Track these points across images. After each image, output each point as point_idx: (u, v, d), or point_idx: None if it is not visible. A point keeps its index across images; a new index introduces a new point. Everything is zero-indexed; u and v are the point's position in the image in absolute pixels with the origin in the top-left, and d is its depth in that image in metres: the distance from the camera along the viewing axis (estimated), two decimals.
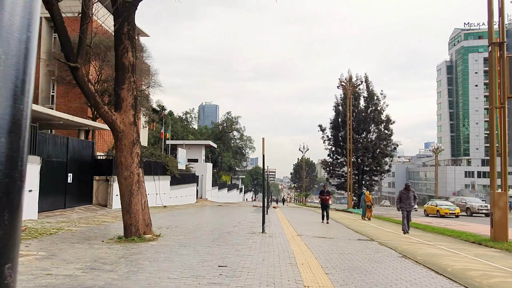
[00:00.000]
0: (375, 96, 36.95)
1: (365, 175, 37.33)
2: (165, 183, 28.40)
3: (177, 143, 44.26)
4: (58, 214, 15.08)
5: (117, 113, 8.57)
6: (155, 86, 21.74)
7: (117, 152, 8.65)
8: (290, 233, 11.18)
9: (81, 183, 18.49)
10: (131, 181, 8.60)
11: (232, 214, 20.39)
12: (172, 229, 11.19)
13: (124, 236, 8.60)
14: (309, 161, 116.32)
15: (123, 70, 8.62)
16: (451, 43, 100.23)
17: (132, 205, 8.59)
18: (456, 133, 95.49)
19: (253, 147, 65.97)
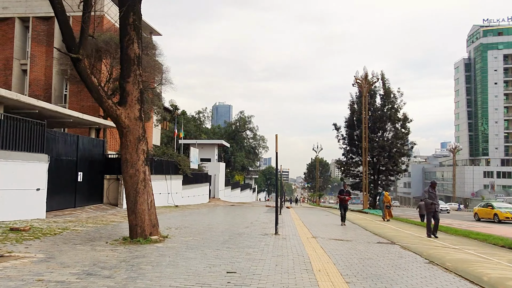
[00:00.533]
0: (391, 94, 35.92)
1: (381, 175, 36.34)
2: (177, 182, 28.11)
3: (190, 142, 44.03)
4: (67, 213, 14.82)
5: (122, 107, 8.13)
6: (166, 83, 21.38)
7: (122, 148, 8.22)
8: (305, 235, 10.58)
9: (91, 182, 18.26)
10: (136, 180, 8.15)
11: (244, 215, 19.88)
12: (181, 229, 10.73)
13: (129, 237, 8.16)
14: (323, 161, 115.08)
15: (129, 62, 8.18)
16: (469, 40, 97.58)
17: (138, 204, 8.13)
18: (475, 132, 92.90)
19: (266, 146, 65.42)
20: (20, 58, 29.87)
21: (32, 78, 29.14)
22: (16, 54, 29.59)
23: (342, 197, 15.69)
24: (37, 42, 28.48)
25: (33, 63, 28.86)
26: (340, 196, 15.84)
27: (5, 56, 29.65)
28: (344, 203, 15.53)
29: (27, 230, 9.19)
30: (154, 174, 23.70)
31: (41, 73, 28.83)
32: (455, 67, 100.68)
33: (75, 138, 16.80)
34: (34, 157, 12.55)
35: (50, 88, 28.84)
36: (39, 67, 29.10)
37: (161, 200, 24.39)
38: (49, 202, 13.81)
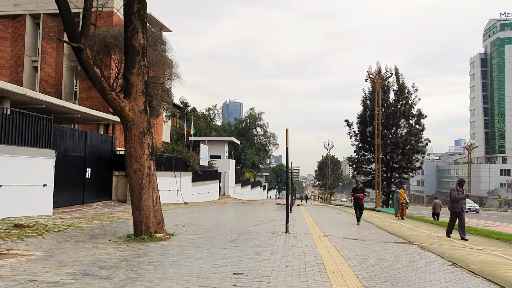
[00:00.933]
0: (406, 89, 35.05)
1: (394, 172, 35.56)
2: (186, 179, 27.89)
3: (200, 139, 43.83)
4: (75, 210, 14.66)
5: (126, 100, 7.81)
6: (175, 78, 21.08)
7: (126, 143, 7.90)
8: (317, 233, 10.15)
9: (100, 178, 18.11)
10: (141, 175, 7.82)
11: (254, 212, 19.52)
12: (188, 227, 10.40)
13: (133, 235, 7.85)
14: (334, 158, 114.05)
15: (133, 53, 7.84)
16: (485, 34, 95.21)
17: (143, 201, 7.81)
18: (491, 129, 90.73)
19: (276, 143, 64.90)
20: (31, 55, 29.99)
21: (42, 75, 29.23)
22: (27, 51, 29.72)
23: (357, 196, 14.51)
24: (47, 38, 28.53)
25: (43, 60, 28.94)
26: (355, 194, 14.65)
27: (17, 53, 29.81)
28: (359, 201, 14.42)
29: (31, 226, 8.97)
30: (163, 171, 23.51)
31: (51, 70, 28.90)
32: (470, 62, 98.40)
33: (83, 134, 16.64)
34: (41, 152, 12.36)
35: (61, 84, 28.89)
36: (50, 64, 29.17)
37: (170, 197, 24.20)
38: (57, 199, 13.65)
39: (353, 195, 14.77)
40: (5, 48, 29.38)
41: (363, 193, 14.61)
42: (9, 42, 29.41)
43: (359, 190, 14.60)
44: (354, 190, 14.89)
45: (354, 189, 14.84)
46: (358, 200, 14.44)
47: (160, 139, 36.50)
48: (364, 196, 14.64)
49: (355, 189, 14.75)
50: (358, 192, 14.52)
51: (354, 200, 14.77)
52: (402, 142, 33.91)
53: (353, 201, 14.91)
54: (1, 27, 29.22)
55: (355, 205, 14.66)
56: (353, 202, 14.86)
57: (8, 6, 28.68)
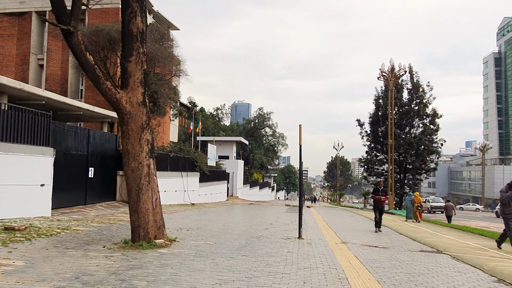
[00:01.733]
0: (420, 88, 33.85)
1: (407, 173, 34.37)
2: (194, 179, 27.16)
3: (208, 139, 43.13)
4: (76, 211, 13.98)
5: (122, 91, 7.04)
6: (181, 75, 20.34)
7: (123, 138, 7.13)
8: (332, 239, 9.27)
9: (103, 178, 17.45)
10: (139, 174, 7.05)
11: (263, 214, 18.68)
12: (193, 231, 9.60)
13: (131, 241, 7.08)
14: (344, 160, 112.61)
15: (131, 39, 7.07)
16: (499, 33, 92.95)
17: (141, 203, 7.03)
18: (505, 130, 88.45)
19: (285, 144, 63.89)
20: (37, 53, 29.60)
21: (48, 73, 28.80)
22: (33, 49, 29.33)
23: (377, 198, 12.76)
24: (53, 36, 28.05)
25: (49, 58, 28.51)
26: (375, 196, 12.90)
27: (23, 51, 29.45)
28: (380, 205, 12.74)
29: (22, 230, 8.25)
30: (169, 171, 22.82)
31: (57, 68, 28.45)
32: (484, 61, 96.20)
33: (85, 132, 15.98)
34: (38, 150, 11.69)
35: (66, 82, 28.42)
36: (56, 62, 28.72)
37: (177, 198, 23.49)
38: (57, 199, 12.99)
39: (374, 197, 13.05)
40: (11, 46, 29.00)
41: (385, 196, 12.91)
42: (15, 40, 29.04)
43: (381, 192, 12.87)
44: (375, 191, 13.21)
45: (375, 191, 13.20)
46: (378, 203, 12.78)
47: (167, 138, 35.90)
48: (386, 199, 12.99)
49: (376, 191, 13.06)
50: (380, 194, 12.80)
51: (374, 202, 13.09)
52: (416, 142, 32.72)
53: (373, 203, 13.34)
54: (7, 24, 28.85)
55: (375, 208, 12.96)
56: (373, 204, 13.20)
57: (14, 3, 28.30)
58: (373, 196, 13.08)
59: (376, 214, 12.69)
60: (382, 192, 12.82)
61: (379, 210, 12.67)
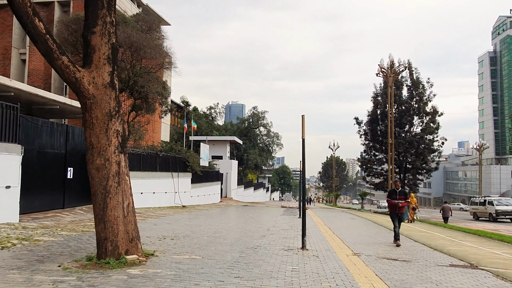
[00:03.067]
0: (420, 84, 32.69)
1: (407, 173, 33.18)
2: (185, 180, 25.69)
3: (201, 139, 41.63)
4: (50, 216, 12.48)
5: (85, 69, 5.63)
6: (170, 67, 18.88)
7: (85, 129, 5.71)
8: (341, 249, 7.93)
9: (85, 179, 15.90)
10: (106, 173, 5.64)
11: (259, 217, 17.31)
12: (178, 240, 8.20)
13: (96, 257, 5.66)
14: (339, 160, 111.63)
15: (95, 5, 5.65)
16: (494, 32, 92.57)
17: (108, 209, 5.62)
18: (501, 130, 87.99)
19: (280, 143, 62.55)
20: (19, 47, 28.00)
21: (31, 68, 27.21)
22: (15, 43, 27.73)
23: (394, 203, 9.74)
24: None
25: (32, 52, 26.92)
26: (391, 201, 9.86)
27: (4, 45, 27.82)
28: (399, 211, 9.78)
29: None
30: (159, 171, 21.38)
31: (40, 63, 26.86)
32: (479, 61, 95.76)
33: (63, 128, 14.47)
34: (3, 147, 10.21)
35: (50, 78, 26.85)
36: (39, 56, 27.07)
37: (167, 199, 22.04)
38: (28, 203, 11.52)
39: (389, 202, 9.93)
40: None
41: (404, 199, 9.81)
42: None
43: (399, 194, 9.84)
44: (390, 194, 10.09)
45: (391, 193, 10.07)
46: (397, 209, 9.74)
47: (158, 137, 34.40)
48: (406, 204, 9.87)
49: (392, 193, 10.00)
50: (397, 197, 9.77)
51: (390, 207, 9.98)
52: (417, 141, 31.55)
53: (389, 208, 10.16)
54: None
55: (392, 215, 9.96)
56: (390, 210, 10.08)
57: None
58: (388, 200, 10.00)
59: (394, 223, 9.81)
60: (400, 195, 9.83)
61: (398, 218, 9.80)
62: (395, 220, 9.83)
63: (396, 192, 9.92)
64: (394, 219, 9.89)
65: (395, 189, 10.01)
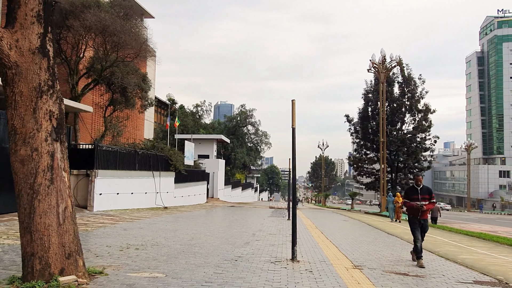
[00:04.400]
0: (412, 81, 31.84)
1: (399, 173, 32.30)
2: (168, 180, 24.20)
3: (186, 137, 40.10)
4: (6, 220, 10.95)
5: (5, 29, 4.24)
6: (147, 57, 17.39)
7: (7, 109, 4.32)
8: (338, 260, 6.68)
9: None
10: (33, 168, 4.25)
11: (245, 220, 16.00)
12: (144, 250, 6.83)
13: (19, 279, 4.27)
14: (328, 159, 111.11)
15: None
16: (482, 32, 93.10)
17: (36, 215, 4.23)
18: (488, 130, 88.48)
19: (269, 142, 61.27)
20: None
21: None
22: None
23: (416, 205, 6.97)
24: None
25: None
26: (411, 203, 7.06)
27: None
28: (422, 217, 7.05)
29: None
30: (138, 170, 19.86)
31: None
32: (466, 61, 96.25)
33: None
34: None
35: None
36: None
37: (147, 201, 20.53)
38: None
39: (409, 204, 7.12)
40: None
41: (429, 200, 7.06)
42: None
43: (421, 193, 7.08)
44: (409, 192, 7.25)
45: (411, 192, 7.24)
46: (419, 214, 7.00)
47: (141, 135, 32.80)
48: (431, 206, 7.07)
49: (412, 192, 7.19)
50: (419, 198, 7.02)
51: (409, 211, 7.20)
52: (409, 139, 30.69)
53: (408, 213, 7.33)
54: None
55: (412, 222, 7.11)
56: (409, 216, 7.26)
57: None
58: (407, 202, 7.15)
59: (415, 232, 6.98)
60: (424, 194, 7.02)
61: (420, 225, 7.03)
62: (417, 229, 6.94)
63: (417, 190, 7.05)
64: (415, 229, 6.98)
65: (416, 187, 7.16)
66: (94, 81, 18.55)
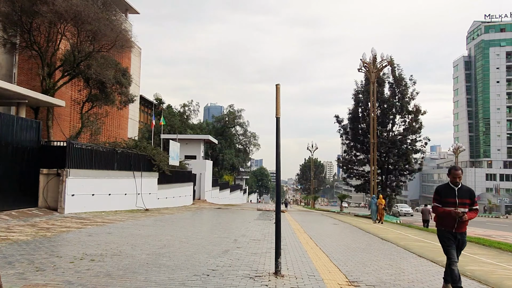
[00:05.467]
0: (403, 81, 31.24)
1: (389, 174, 31.62)
2: (150, 181, 23.01)
3: (173, 137, 38.87)
4: None
5: None
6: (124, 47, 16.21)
7: None
8: (330, 273, 5.71)
9: (18, 178, 13.20)
10: None
11: (229, 223, 14.96)
12: (100, 262, 5.74)
13: None
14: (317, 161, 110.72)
15: None
16: (469, 37, 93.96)
17: None
18: (475, 133, 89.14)
19: (257, 144, 60.32)
20: None
21: None
22: None
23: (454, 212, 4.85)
24: None
25: None
26: (445, 208, 4.96)
27: None
28: (459, 229, 4.95)
29: None
30: (117, 170, 18.65)
31: None
32: (454, 65, 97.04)
33: None
34: None
35: None
36: None
37: (128, 202, 19.32)
38: None
39: (440, 211, 5.04)
40: None
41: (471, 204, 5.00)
42: None
43: (459, 195, 4.97)
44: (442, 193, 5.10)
45: (444, 192, 5.08)
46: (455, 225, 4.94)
47: (125, 134, 31.45)
48: (473, 216, 5.01)
49: (446, 192, 5.05)
50: (457, 202, 4.92)
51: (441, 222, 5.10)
52: (400, 140, 30.06)
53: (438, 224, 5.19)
54: None
55: (445, 237, 5.01)
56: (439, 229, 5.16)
57: None
58: (437, 207, 5.07)
59: (450, 253, 4.91)
60: (463, 197, 4.97)
61: (457, 240, 5.00)
62: (451, 246, 4.91)
63: (454, 191, 4.95)
64: (449, 246, 4.92)
65: (452, 186, 5.01)
66: (69, 74, 17.33)
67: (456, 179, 5.01)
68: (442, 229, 5.06)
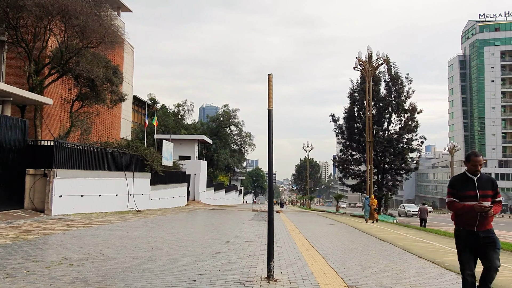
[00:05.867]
0: (399, 80, 31.01)
1: (386, 174, 31.35)
2: (143, 181, 22.52)
3: (167, 137, 38.35)
4: None
5: None
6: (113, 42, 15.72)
7: None
8: (327, 277, 5.32)
9: (2, 179, 12.70)
10: None
11: (222, 224, 14.54)
12: (77, 267, 5.31)
13: None
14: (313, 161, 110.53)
15: None
16: (464, 36, 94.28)
17: None
18: (470, 132, 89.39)
19: (252, 144, 59.88)
20: None
21: None
22: None
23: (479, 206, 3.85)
24: None
25: None
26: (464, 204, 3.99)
27: None
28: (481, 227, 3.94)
29: None
30: (107, 170, 18.16)
31: None
32: (449, 64, 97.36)
33: None
34: None
35: None
36: None
37: (119, 203, 18.83)
38: None
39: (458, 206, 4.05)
40: None
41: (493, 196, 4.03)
42: None
43: (479, 186, 4.00)
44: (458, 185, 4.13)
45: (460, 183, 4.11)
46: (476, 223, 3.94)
47: (117, 135, 30.89)
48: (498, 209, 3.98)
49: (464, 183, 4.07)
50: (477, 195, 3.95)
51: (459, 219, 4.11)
52: (396, 139, 29.80)
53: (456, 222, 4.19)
54: None
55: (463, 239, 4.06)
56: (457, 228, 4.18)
57: None
58: (454, 202, 4.10)
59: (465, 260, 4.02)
60: (484, 188, 3.99)
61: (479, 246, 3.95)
62: (467, 253, 4.02)
63: (474, 182, 4.02)
64: (466, 251, 4.02)
65: (470, 176, 4.07)
66: (57, 72, 16.83)
67: (477, 167, 3.99)
68: (460, 229, 4.07)
